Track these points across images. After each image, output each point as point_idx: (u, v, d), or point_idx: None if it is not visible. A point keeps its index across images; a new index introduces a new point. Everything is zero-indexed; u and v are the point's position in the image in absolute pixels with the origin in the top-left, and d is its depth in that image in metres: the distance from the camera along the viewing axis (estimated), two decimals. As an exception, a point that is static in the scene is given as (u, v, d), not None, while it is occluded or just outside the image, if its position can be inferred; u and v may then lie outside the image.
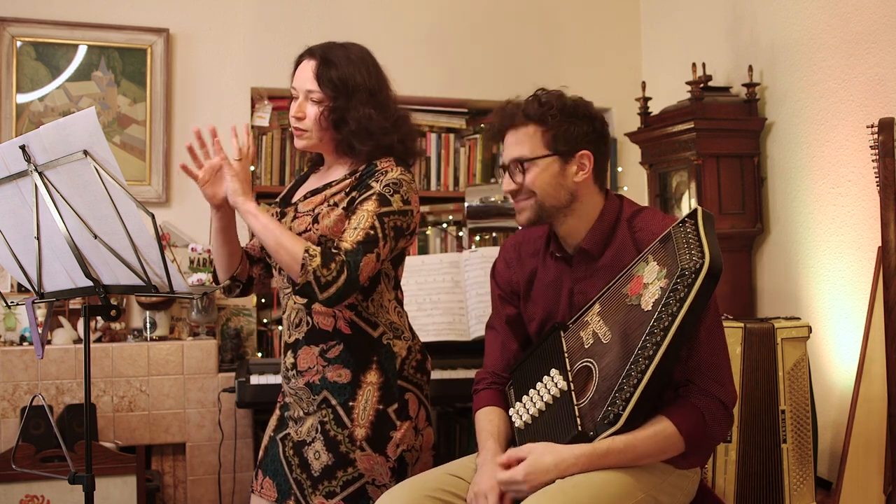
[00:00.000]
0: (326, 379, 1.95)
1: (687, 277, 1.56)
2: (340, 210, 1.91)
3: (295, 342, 1.99)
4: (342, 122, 1.94)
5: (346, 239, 1.83)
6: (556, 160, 1.78)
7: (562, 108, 1.78)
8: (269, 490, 1.99)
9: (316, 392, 1.95)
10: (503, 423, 1.83)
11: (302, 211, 1.95)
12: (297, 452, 1.96)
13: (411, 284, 3.21)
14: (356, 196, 1.91)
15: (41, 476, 2.70)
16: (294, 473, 1.95)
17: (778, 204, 3.18)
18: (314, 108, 1.95)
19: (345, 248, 1.81)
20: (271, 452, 2.02)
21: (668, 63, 3.80)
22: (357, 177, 1.95)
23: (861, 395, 2.46)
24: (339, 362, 1.94)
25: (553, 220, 1.83)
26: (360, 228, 1.83)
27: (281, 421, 2.04)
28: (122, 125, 3.46)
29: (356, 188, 1.92)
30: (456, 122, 3.83)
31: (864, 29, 2.72)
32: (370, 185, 1.90)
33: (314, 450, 1.94)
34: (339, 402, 1.94)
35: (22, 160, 1.59)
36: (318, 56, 1.97)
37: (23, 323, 3.20)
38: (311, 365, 1.96)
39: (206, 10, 3.57)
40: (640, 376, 1.55)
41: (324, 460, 1.92)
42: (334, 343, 1.95)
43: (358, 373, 1.94)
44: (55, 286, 1.78)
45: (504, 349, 1.94)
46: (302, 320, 1.97)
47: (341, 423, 1.93)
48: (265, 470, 2.02)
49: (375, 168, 1.94)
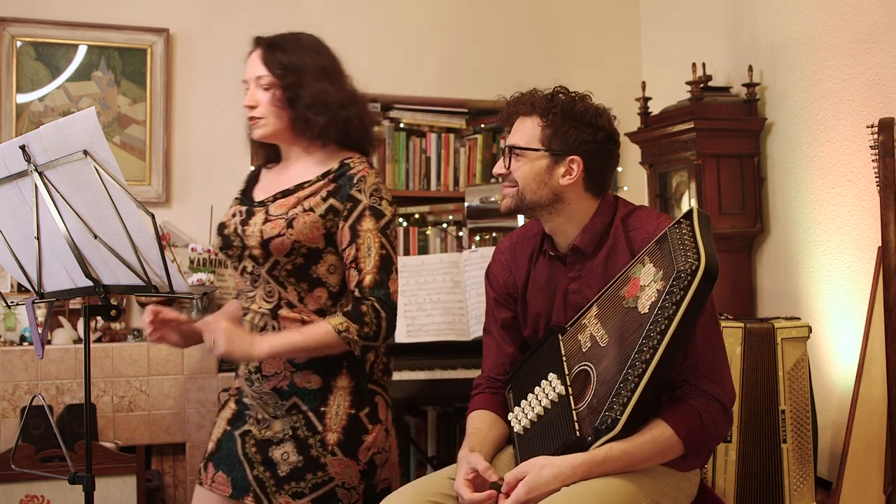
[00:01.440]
0: (295, 385, 1.92)
1: (683, 279, 1.56)
2: (317, 216, 1.90)
3: None
4: (296, 98, 1.93)
5: (364, 270, 1.87)
6: (546, 158, 1.78)
7: (566, 110, 1.77)
8: (223, 485, 1.95)
9: (284, 398, 1.93)
10: (489, 427, 1.83)
11: (274, 214, 1.92)
12: (260, 451, 1.93)
13: (411, 284, 3.21)
14: (339, 208, 1.91)
15: (41, 476, 2.70)
16: (255, 471, 1.92)
17: (778, 204, 3.18)
18: (265, 93, 1.95)
19: (367, 286, 1.86)
20: (226, 447, 1.98)
21: (668, 63, 3.80)
22: (331, 179, 1.94)
23: (861, 395, 2.45)
24: (309, 368, 1.92)
25: (536, 215, 1.84)
26: (374, 254, 1.88)
27: (238, 415, 2.01)
28: (122, 125, 3.46)
29: (334, 196, 1.92)
30: (456, 122, 3.83)
31: (864, 29, 2.72)
32: (355, 198, 1.91)
33: (283, 450, 1.91)
34: (311, 407, 1.92)
35: (22, 160, 1.59)
36: (264, 43, 1.98)
37: (23, 323, 3.20)
38: (278, 370, 1.93)
39: (206, 10, 3.57)
40: (637, 380, 1.55)
41: (293, 461, 1.90)
42: None
43: (328, 378, 1.93)
44: (55, 286, 1.78)
45: (500, 353, 1.93)
46: (267, 324, 1.94)
47: (313, 427, 1.91)
48: (218, 464, 1.97)
49: (349, 170, 1.93)
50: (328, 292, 1.94)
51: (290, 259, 1.90)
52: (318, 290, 1.93)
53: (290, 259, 1.90)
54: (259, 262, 1.92)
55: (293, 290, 1.92)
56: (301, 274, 1.92)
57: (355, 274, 1.89)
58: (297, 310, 1.93)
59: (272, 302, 1.93)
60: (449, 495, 1.70)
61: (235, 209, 2.01)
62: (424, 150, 3.79)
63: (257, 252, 1.90)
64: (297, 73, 1.93)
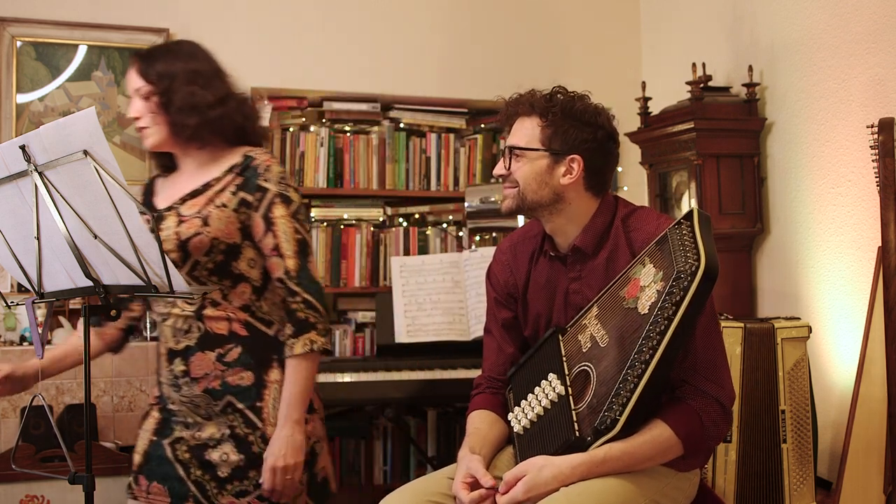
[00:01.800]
0: (228, 383, 1.93)
1: (683, 280, 1.56)
2: (230, 211, 1.93)
3: (185, 349, 1.95)
4: (169, 103, 1.95)
5: (286, 256, 1.92)
6: (547, 157, 1.78)
7: (566, 109, 1.78)
8: (160, 495, 1.95)
9: (217, 398, 1.93)
10: (489, 427, 1.83)
11: (187, 214, 1.93)
12: (195, 455, 1.93)
13: (411, 284, 3.22)
14: (250, 200, 1.93)
15: (41, 476, 2.70)
16: (193, 476, 1.93)
17: (778, 204, 3.18)
18: (145, 102, 1.97)
19: (292, 269, 1.91)
20: (156, 456, 1.97)
21: (668, 63, 3.80)
22: (238, 173, 1.96)
23: (861, 395, 2.45)
24: (240, 365, 1.93)
25: (537, 216, 1.84)
26: (291, 239, 1.92)
27: (164, 423, 2.00)
28: (122, 125, 3.46)
29: (243, 189, 1.94)
30: (456, 122, 3.83)
31: (864, 29, 2.72)
32: (264, 188, 1.94)
33: (221, 452, 1.92)
34: (246, 405, 1.93)
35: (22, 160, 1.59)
36: (139, 57, 2.01)
37: (23, 323, 3.20)
38: (208, 371, 1.93)
39: (206, 10, 3.57)
40: (636, 381, 1.55)
41: (234, 461, 1.91)
42: (231, 346, 1.94)
43: (260, 373, 1.94)
44: (55, 286, 1.78)
45: (500, 353, 1.93)
46: (192, 326, 1.94)
47: (251, 424, 1.92)
48: (150, 475, 1.97)
49: (253, 161, 1.97)
50: (251, 287, 1.97)
51: (210, 257, 1.92)
52: (242, 286, 1.95)
53: (210, 257, 1.92)
54: (177, 266, 1.91)
55: (216, 289, 1.95)
56: (222, 271, 1.94)
57: (278, 260, 1.93)
58: (222, 307, 1.94)
59: (195, 303, 1.94)
60: (448, 495, 1.70)
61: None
62: (424, 150, 3.79)
63: (175, 255, 1.91)
64: (169, 79, 1.96)
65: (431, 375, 3.02)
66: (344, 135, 3.71)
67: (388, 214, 3.74)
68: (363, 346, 3.60)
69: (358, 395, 3.02)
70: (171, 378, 1.97)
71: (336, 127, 3.72)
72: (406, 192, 3.76)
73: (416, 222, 3.77)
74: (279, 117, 3.68)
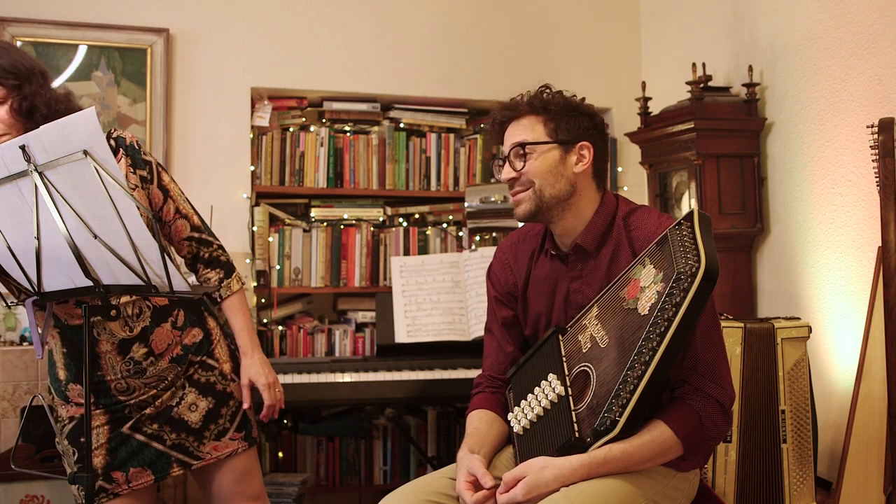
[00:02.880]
0: (186, 345, 2.03)
1: (683, 281, 1.56)
2: (141, 190, 2.00)
3: (143, 331, 1.97)
4: (34, 108, 1.89)
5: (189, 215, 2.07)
6: (557, 148, 1.80)
7: (563, 102, 1.82)
8: (141, 477, 1.99)
9: (181, 362, 2.02)
10: (488, 427, 1.83)
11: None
12: (163, 421, 1.99)
13: (411, 284, 3.22)
14: (146, 175, 2.01)
15: (41, 476, 2.70)
16: (168, 441, 1.99)
17: (778, 204, 3.18)
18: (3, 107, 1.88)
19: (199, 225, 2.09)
20: (123, 446, 1.98)
21: (668, 63, 3.80)
22: (125, 153, 1.99)
23: (861, 395, 2.46)
24: (188, 325, 2.04)
25: (551, 216, 1.82)
26: (185, 200, 2.08)
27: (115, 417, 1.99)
28: (122, 125, 3.46)
29: (136, 167, 2.00)
30: (456, 122, 3.83)
31: (864, 29, 2.72)
32: (147, 161, 2.03)
33: (188, 404, 2.01)
34: (203, 354, 2.05)
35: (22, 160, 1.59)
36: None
37: (23, 323, 3.20)
38: (169, 341, 2.01)
39: (206, 10, 3.57)
40: (636, 382, 1.54)
41: (203, 407, 2.01)
42: (176, 311, 2.03)
43: (204, 325, 2.08)
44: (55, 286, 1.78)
45: (500, 352, 1.94)
46: (142, 308, 1.99)
47: (209, 367, 2.05)
48: (122, 466, 1.98)
49: (124, 141, 2.00)
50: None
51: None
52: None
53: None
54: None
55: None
56: None
57: (183, 221, 2.07)
58: None
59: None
60: (448, 495, 1.70)
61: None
62: (424, 150, 3.79)
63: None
64: (28, 80, 1.89)
65: (431, 375, 3.02)
66: (344, 135, 3.71)
67: (388, 214, 3.74)
68: (363, 346, 3.60)
69: (358, 395, 3.02)
70: (131, 366, 1.98)
71: (336, 127, 3.72)
72: (406, 192, 3.76)
73: (416, 222, 3.77)
74: (279, 117, 3.68)
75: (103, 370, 1.98)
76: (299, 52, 3.64)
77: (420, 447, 3.56)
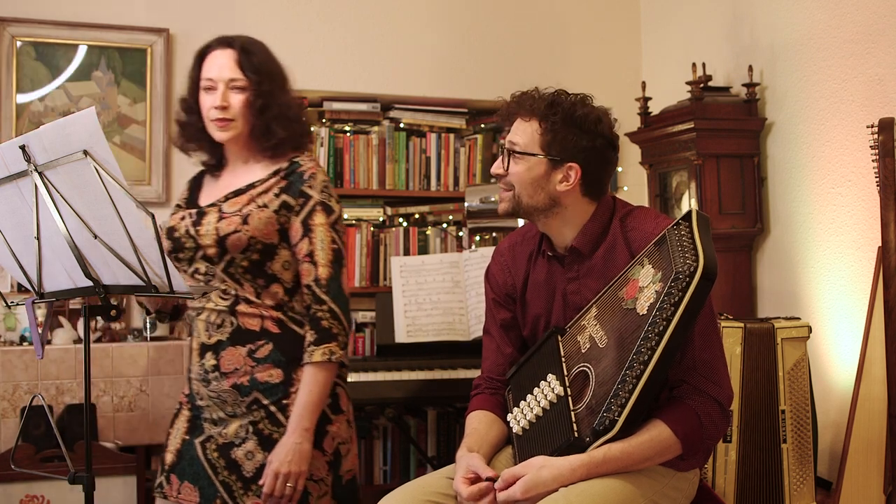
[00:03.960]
0: (256, 380, 1.94)
1: (681, 281, 1.56)
2: (271, 212, 1.94)
3: (217, 343, 1.96)
4: (266, 107, 1.96)
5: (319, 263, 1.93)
6: (545, 163, 1.77)
7: (567, 116, 1.75)
8: (190, 494, 1.96)
9: (245, 394, 1.94)
10: (487, 427, 1.83)
11: (228, 211, 1.95)
12: (223, 455, 1.94)
13: (411, 284, 3.22)
14: (292, 204, 1.95)
15: (41, 476, 2.70)
16: (220, 476, 1.94)
17: (778, 204, 3.18)
18: (239, 95, 1.96)
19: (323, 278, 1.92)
20: (188, 456, 1.98)
21: (668, 63, 3.80)
22: (283, 176, 1.97)
23: (861, 395, 2.46)
24: (270, 362, 1.94)
25: (531, 219, 1.83)
26: (327, 248, 1.94)
27: (194, 421, 2.01)
28: (122, 125, 3.46)
29: (286, 192, 1.96)
30: (456, 122, 3.83)
31: (864, 29, 2.72)
32: (307, 194, 1.96)
33: (245, 450, 1.93)
34: (272, 401, 1.94)
35: (22, 160, 1.59)
36: (237, 45, 1.99)
37: (23, 323, 3.20)
38: (238, 366, 1.94)
39: (206, 10, 3.57)
40: (635, 381, 1.54)
41: (258, 460, 1.92)
42: (262, 343, 1.95)
43: (290, 371, 1.95)
44: (55, 286, 1.78)
45: (499, 354, 1.93)
46: (225, 321, 1.95)
47: (276, 421, 1.93)
48: (181, 474, 1.98)
49: (299, 167, 1.98)
50: (283, 288, 1.98)
51: (246, 255, 1.93)
52: (275, 286, 1.97)
53: (246, 255, 1.93)
54: (213, 262, 1.94)
55: (250, 287, 1.95)
56: (257, 270, 1.95)
57: (310, 267, 1.95)
58: (255, 305, 1.95)
59: (229, 299, 1.95)
60: (447, 495, 1.70)
61: (184, 213, 2.04)
62: (424, 150, 3.79)
63: (212, 251, 1.92)
64: (270, 80, 1.97)
65: (431, 375, 3.02)
66: (344, 135, 3.71)
67: (388, 214, 3.74)
68: (363, 346, 3.60)
69: (358, 395, 3.02)
70: (202, 372, 1.98)
71: (336, 127, 3.72)
72: (406, 192, 3.76)
73: (416, 222, 3.77)
74: (279, 117, 3.67)
75: (191, 365, 2.01)
76: (299, 51, 3.63)
77: (420, 447, 3.56)
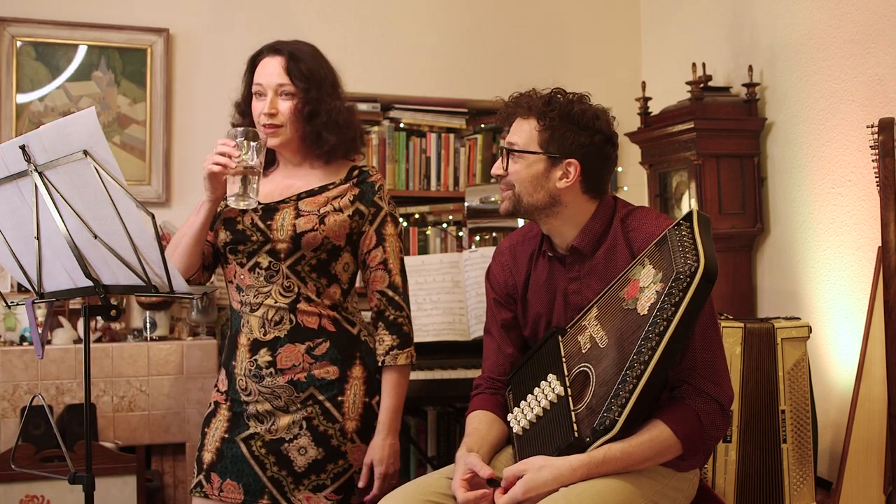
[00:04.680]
0: (314, 376, 1.97)
1: (682, 281, 1.56)
2: (346, 217, 2.00)
3: (274, 339, 1.97)
4: (315, 114, 1.99)
5: (393, 272, 2.05)
6: (544, 161, 1.77)
7: (564, 113, 1.76)
8: (233, 492, 1.97)
9: (301, 389, 1.96)
10: (487, 427, 1.83)
11: (306, 210, 1.98)
12: (272, 451, 1.96)
13: (411, 284, 3.21)
14: (364, 212, 2.03)
15: (41, 476, 2.70)
16: (269, 472, 1.95)
17: (778, 204, 3.18)
18: (287, 102, 1.98)
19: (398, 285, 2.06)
20: (229, 454, 1.99)
21: (668, 63, 3.80)
22: (355, 183, 2.04)
23: (861, 395, 2.46)
24: (327, 359, 1.98)
25: (533, 218, 1.84)
26: (397, 257, 2.07)
27: (235, 419, 2.01)
28: (122, 125, 3.46)
29: (360, 200, 2.03)
30: (456, 122, 3.83)
31: (864, 29, 2.72)
32: (378, 205, 2.05)
33: (298, 446, 1.95)
34: (328, 396, 1.97)
35: (22, 160, 1.59)
36: (286, 52, 2.01)
37: (23, 323, 3.20)
38: (296, 363, 1.97)
39: (206, 10, 3.57)
40: (635, 381, 1.54)
41: (311, 455, 1.95)
42: (321, 340, 1.98)
43: (345, 368, 1.99)
44: (55, 286, 1.78)
45: (500, 354, 1.94)
46: (284, 318, 1.97)
47: (331, 417, 1.97)
48: (223, 473, 1.98)
49: (370, 177, 2.05)
50: (341, 289, 2.04)
51: (316, 254, 1.97)
52: (334, 287, 2.02)
53: (316, 254, 1.97)
54: (280, 258, 1.96)
55: (312, 285, 1.99)
56: (322, 269, 1.99)
57: (384, 274, 2.05)
58: (314, 304, 1.99)
59: (290, 296, 1.98)
60: (447, 495, 1.70)
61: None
62: (424, 150, 3.79)
63: (283, 246, 1.95)
64: (318, 87, 1.99)
65: (431, 375, 3.02)
66: (344, 135, 3.71)
67: (389, 214, 3.74)
68: (363, 346, 3.59)
69: (358, 395, 3.02)
70: (254, 368, 1.98)
71: (336, 127, 3.71)
72: (406, 192, 3.76)
73: (416, 222, 3.77)
74: (279, 117, 3.67)
75: (236, 361, 2.02)
76: (299, 52, 3.63)
77: (420, 447, 3.56)
